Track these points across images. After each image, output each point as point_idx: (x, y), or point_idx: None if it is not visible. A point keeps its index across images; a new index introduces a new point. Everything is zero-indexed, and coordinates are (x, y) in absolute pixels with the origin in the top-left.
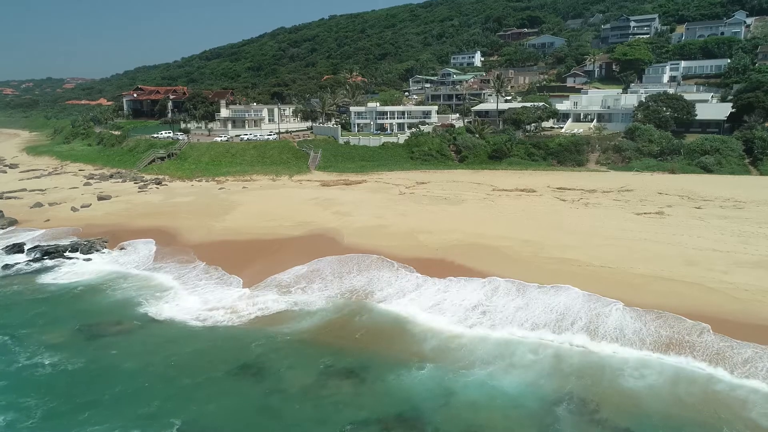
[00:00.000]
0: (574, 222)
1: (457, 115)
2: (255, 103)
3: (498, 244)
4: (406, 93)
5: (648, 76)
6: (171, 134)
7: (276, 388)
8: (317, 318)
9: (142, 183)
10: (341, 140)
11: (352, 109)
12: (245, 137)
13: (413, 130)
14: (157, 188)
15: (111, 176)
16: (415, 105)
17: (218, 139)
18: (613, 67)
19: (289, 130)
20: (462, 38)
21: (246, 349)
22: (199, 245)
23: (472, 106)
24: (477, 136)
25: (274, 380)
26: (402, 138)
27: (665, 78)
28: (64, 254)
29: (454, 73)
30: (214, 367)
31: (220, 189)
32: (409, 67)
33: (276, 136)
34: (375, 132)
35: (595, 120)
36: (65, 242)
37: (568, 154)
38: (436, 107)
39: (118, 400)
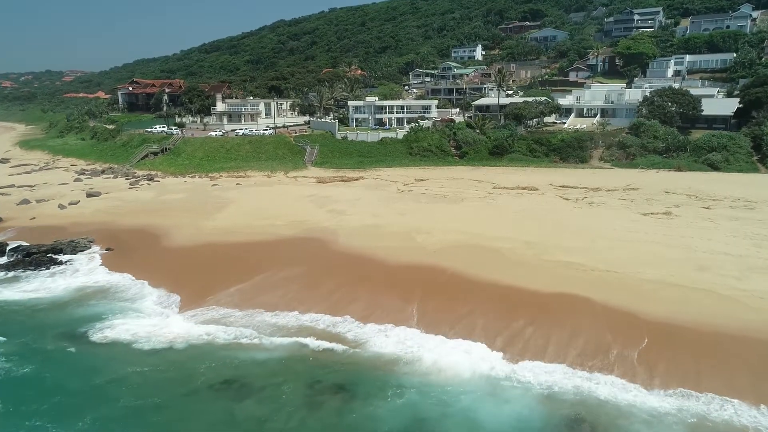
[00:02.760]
0: (578, 222)
1: (458, 109)
2: (252, 97)
3: (499, 245)
4: (406, 87)
5: (652, 70)
6: (165, 128)
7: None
8: (274, 354)
9: (134, 179)
10: (339, 135)
11: (350, 103)
12: (240, 132)
13: (412, 125)
14: (149, 184)
15: (103, 172)
16: (415, 99)
17: (213, 133)
18: (617, 61)
19: (287, 124)
20: (463, 31)
21: (192, 374)
22: (182, 249)
23: (472, 101)
24: (478, 131)
25: (223, 407)
26: (401, 133)
27: (670, 72)
28: (47, 255)
29: (455, 67)
30: (153, 392)
31: (213, 186)
32: (409, 61)
33: (272, 130)
34: (373, 127)
35: (598, 115)
36: (48, 242)
37: (570, 151)
38: (435, 102)
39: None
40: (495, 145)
